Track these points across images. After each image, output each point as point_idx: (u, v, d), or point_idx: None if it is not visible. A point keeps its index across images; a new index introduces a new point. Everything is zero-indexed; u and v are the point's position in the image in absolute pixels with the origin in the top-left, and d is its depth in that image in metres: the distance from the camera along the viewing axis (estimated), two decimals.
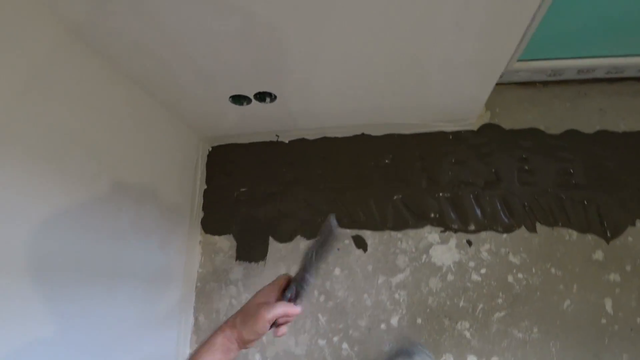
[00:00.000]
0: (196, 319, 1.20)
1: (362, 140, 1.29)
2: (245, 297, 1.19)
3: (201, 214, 1.28)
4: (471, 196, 1.17)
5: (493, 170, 1.20)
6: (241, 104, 1.06)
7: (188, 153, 1.24)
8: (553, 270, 1.10)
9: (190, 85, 0.96)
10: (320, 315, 1.14)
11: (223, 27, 0.72)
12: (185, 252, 1.19)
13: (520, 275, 1.11)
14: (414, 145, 1.26)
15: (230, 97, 1.02)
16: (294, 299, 0.65)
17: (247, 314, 0.60)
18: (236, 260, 1.22)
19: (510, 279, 1.11)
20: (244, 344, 0.59)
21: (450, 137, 1.25)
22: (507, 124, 1.24)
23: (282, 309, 0.60)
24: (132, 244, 0.95)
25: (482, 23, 0.74)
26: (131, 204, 0.94)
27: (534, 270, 1.11)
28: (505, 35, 0.79)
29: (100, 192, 0.84)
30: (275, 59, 0.84)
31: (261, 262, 1.21)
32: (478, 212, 1.16)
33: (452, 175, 1.20)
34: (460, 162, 1.22)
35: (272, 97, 1.03)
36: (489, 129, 1.24)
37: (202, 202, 1.29)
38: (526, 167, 1.19)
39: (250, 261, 1.22)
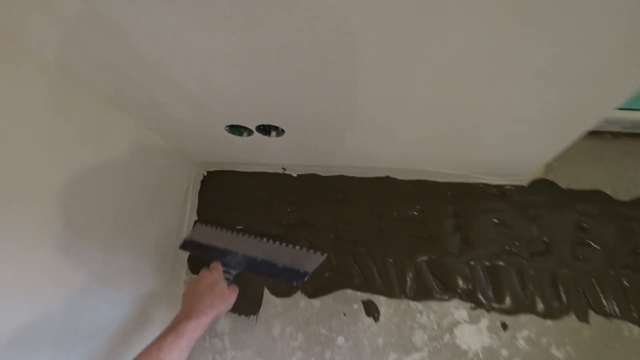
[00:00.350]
0: None
1: (385, 185, 1.08)
2: (231, 354, 1.02)
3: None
4: (513, 268, 0.96)
5: (544, 238, 0.98)
6: (240, 134, 0.86)
7: (176, 178, 1.05)
8: None
9: (173, 107, 0.77)
10: None
11: (213, 48, 0.52)
12: (165, 296, 1.01)
13: None
14: (449, 197, 1.05)
15: (227, 126, 0.83)
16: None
17: (216, 296, 0.72)
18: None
19: None
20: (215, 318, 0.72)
21: (494, 192, 1.04)
22: (564, 181, 1.02)
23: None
24: (91, 299, 0.78)
25: (584, 71, 0.51)
26: (95, 250, 0.77)
27: None
28: (614, 86, 0.56)
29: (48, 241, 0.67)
30: (285, 92, 0.64)
31: (252, 317, 1.03)
32: (519, 289, 0.95)
33: (492, 239, 0.99)
34: (503, 223, 1.00)
35: (279, 132, 0.83)
36: (542, 186, 1.02)
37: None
38: (585, 239, 0.97)
39: (240, 314, 1.04)
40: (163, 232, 1.00)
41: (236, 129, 0.86)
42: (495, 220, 1.01)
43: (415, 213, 1.05)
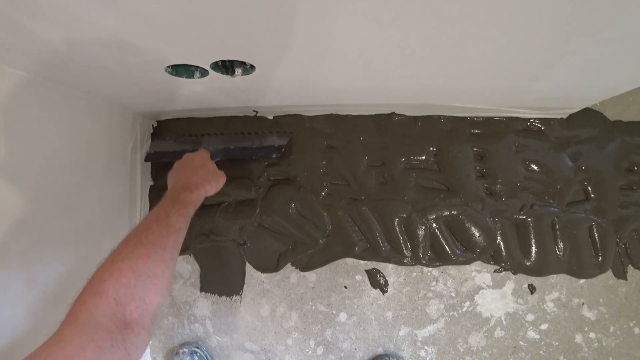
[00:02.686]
0: (154, 359, 0.90)
1: (390, 123, 0.84)
2: (216, 339, 0.87)
3: None
4: (546, 222, 0.80)
5: (584, 182, 0.80)
6: (191, 75, 0.59)
7: (114, 137, 0.77)
8: (637, 330, 0.80)
9: (75, 49, 0.48)
10: None
11: None
12: None
13: (592, 335, 0.80)
14: (470, 135, 0.83)
15: (168, 67, 0.55)
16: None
17: (208, 171, 0.65)
18: (200, 291, 0.87)
19: (578, 339, 0.81)
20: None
21: (527, 127, 0.82)
22: (613, 111, 0.81)
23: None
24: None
25: None
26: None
27: (611, 330, 0.80)
28: None
29: None
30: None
31: (235, 297, 0.86)
32: (552, 245, 0.80)
33: (523, 186, 0.80)
34: (537, 166, 0.81)
35: (247, 68, 0.56)
36: (585, 118, 0.81)
37: (147, 206, 0.87)
38: (634, 182, 0.80)
39: (220, 294, 0.87)
40: (111, 214, 0.76)
41: (183, 70, 0.58)
42: (526, 162, 0.81)
43: (428, 158, 0.83)
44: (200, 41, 0.45)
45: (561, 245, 0.80)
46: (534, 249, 0.80)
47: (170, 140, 0.84)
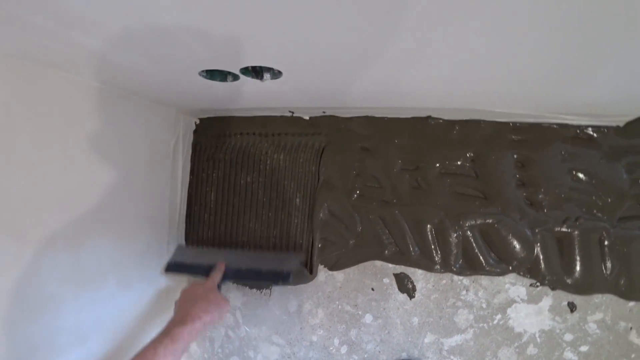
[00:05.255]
0: None
1: (426, 127, 0.82)
2: (245, 330, 0.91)
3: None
4: (593, 237, 0.74)
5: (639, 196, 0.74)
6: (224, 79, 0.62)
7: (158, 133, 0.83)
8: None
9: (113, 54, 0.52)
10: None
11: None
12: (161, 282, 0.87)
13: None
14: (512, 141, 0.79)
15: (202, 72, 0.58)
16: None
17: (210, 302, 0.68)
18: (233, 282, 0.91)
19: None
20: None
21: (576, 135, 0.76)
22: None
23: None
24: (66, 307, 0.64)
25: None
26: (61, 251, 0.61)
27: None
28: None
29: None
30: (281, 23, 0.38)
31: (265, 291, 0.89)
32: (598, 262, 0.74)
33: (568, 197, 0.75)
34: (585, 176, 0.75)
35: (275, 73, 0.58)
36: None
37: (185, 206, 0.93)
38: None
39: (251, 287, 0.90)
40: (152, 207, 0.82)
41: (217, 74, 0.60)
42: (574, 172, 0.76)
43: (464, 164, 0.80)
44: (226, 50, 0.47)
45: (609, 263, 0.74)
46: (577, 265, 0.75)
47: (191, 251, 0.90)
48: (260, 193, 0.89)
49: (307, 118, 0.87)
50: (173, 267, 0.84)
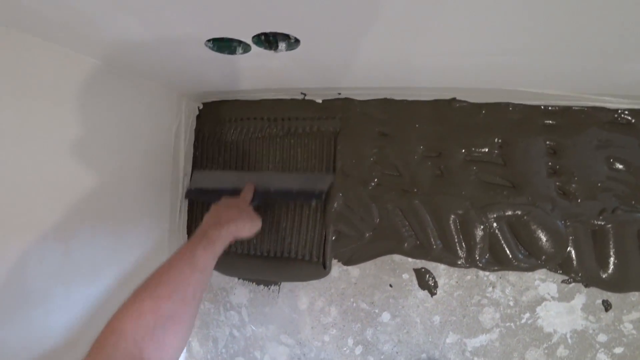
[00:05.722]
0: (189, 343, 0.90)
1: (450, 110, 0.76)
2: (251, 329, 0.84)
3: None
4: (631, 230, 0.69)
5: None
6: (233, 51, 0.55)
7: (158, 118, 0.76)
8: None
9: (108, 21, 0.45)
10: None
11: None
12: None
13: None
14: (543, 126, 0.73)
15: (208, 41, 0.52)
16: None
17: (243, 213, 0.63)
18: (238, 279, 0.85)
19: None
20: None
21: (614, 118, 0.70)
22: None
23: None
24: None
25: None
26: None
27: None
28: None
29: None
30: None
31: (273, 287, 0.83)
32: (637, 258, 0.69)
33: (604, 187, 0.70)
34: (622, 164, 0.70)
35: (291, 42, 0.51)
36: None
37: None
38: None
39: (258, 283, 0.84)
40: (151, 196, 0.75)
41: (225, 45, 0.54)
42: (610, 159, 0.70)
43: (491, 150, 0.74)
44: (238, 10, 0.41)
45: None
46: (613, 260, 0.70)
47: (211, 174, 0.82)
48: None
49: (320, 101, 0.81)
50: (193, 193, 0.79)
